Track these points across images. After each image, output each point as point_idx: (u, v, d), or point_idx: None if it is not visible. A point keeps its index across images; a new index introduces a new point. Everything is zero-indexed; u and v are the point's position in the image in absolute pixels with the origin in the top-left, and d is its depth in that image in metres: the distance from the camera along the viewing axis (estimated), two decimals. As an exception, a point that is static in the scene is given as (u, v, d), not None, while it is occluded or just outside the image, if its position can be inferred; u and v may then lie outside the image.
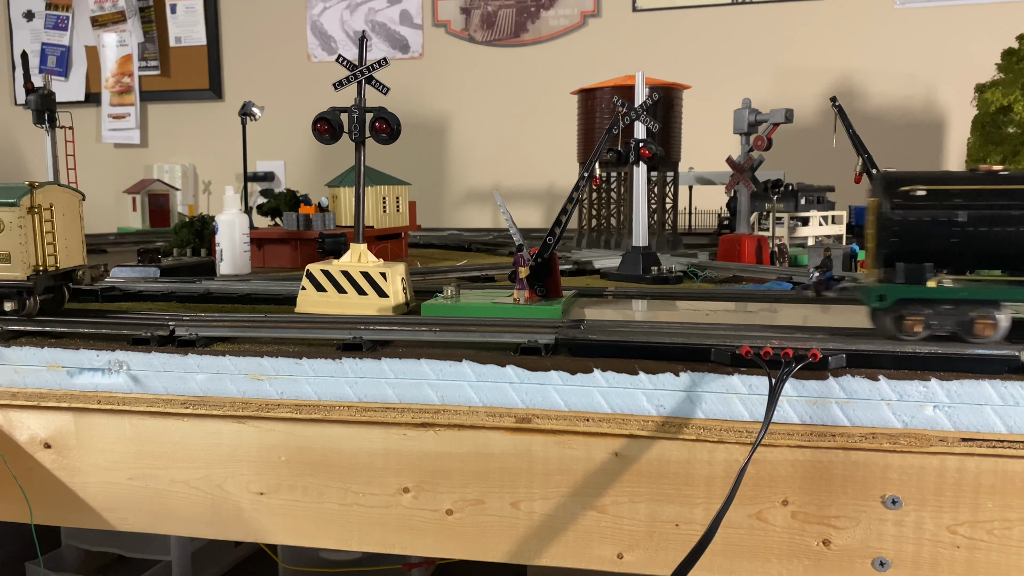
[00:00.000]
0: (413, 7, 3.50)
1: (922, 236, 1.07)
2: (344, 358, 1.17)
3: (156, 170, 3.71)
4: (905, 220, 1.07)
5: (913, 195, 1.07)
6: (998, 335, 1.06)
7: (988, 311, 1.06)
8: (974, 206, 1.05)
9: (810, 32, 3.13)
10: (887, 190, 1.08)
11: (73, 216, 1.43)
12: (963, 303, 1.07)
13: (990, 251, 1.07)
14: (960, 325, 1.07)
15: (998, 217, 1.05)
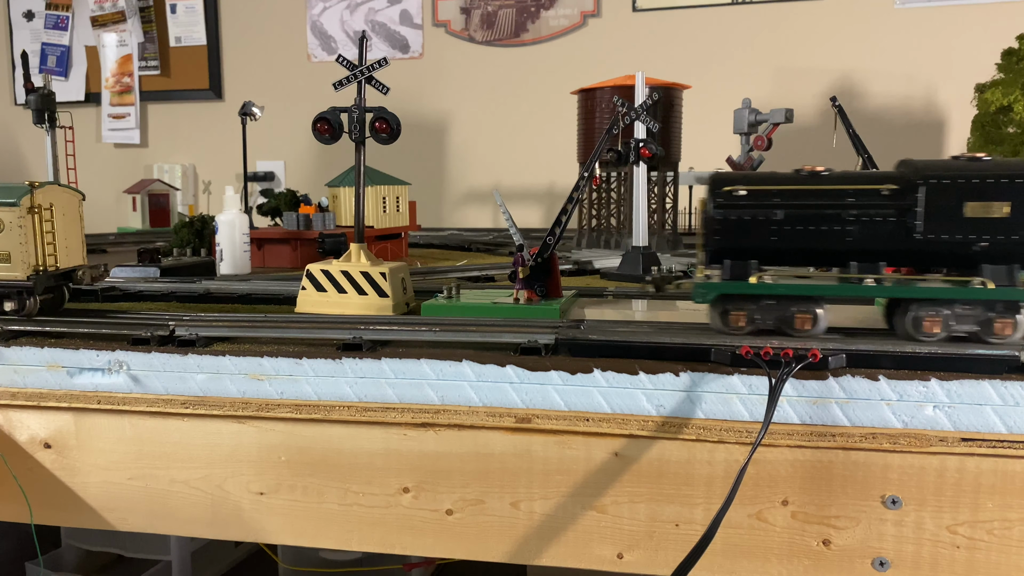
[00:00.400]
0: (413, 7, 3.50)
1: (744, 234, 1.11)
2: (344, 358, 1.17)
3: (156, 170, 3.71)
4: (726, 219, 1.11)
5: (735, 195, 1.11)
6: (818, 329, 1.10)
7: (808, 306, 1.10)
8: (791, 205, 1.09)
9: (810, 32, 3.13)
10: (711, 190, 1.12)
11: (73, 216, 1.43)
12: (784, 299, 1.10)
13: (808, 248, 1.11)
14: (782, 320, 1.11)
15: (814, 216, 1.09)
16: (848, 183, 1.09)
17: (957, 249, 1.07)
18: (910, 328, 1.09)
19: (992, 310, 1.06)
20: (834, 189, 1.09)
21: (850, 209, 1.08)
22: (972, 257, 1.07)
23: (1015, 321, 1.05)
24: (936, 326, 1.07)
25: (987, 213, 1.04)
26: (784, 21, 3.15)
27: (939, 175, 1.06)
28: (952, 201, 1.05)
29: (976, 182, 1.05)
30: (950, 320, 1.07)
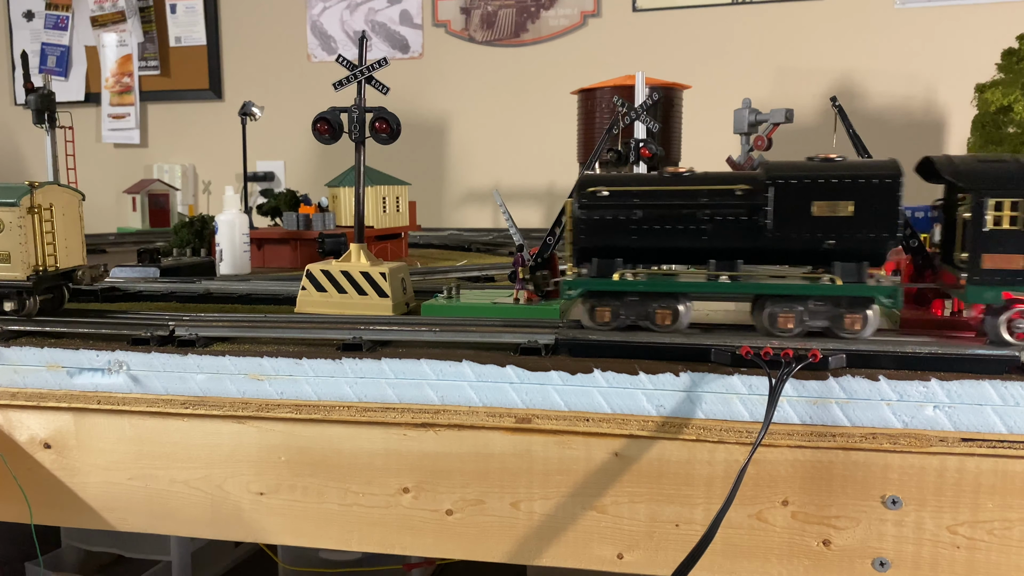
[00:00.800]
0: (413, 7, 3.50)
1: (608, 234, 1.16)
2: (344, 358, 1.17)
3: (156, 170, 3.71)
4: (590, 219, 1.15)
5: (598, 196, 1.16)
6: (678, 325, 1.15)
7: (668, 302, 1.14)
8: (649, 205, 1.14)
9: (810, 32, 3.13)
10: (577, 191, 1.17)
11: (73, 216, 1.43)
12: (647, 295, 1.14)
13: (668, 247, 1.16)
14: (644, 315, 1.15)
15: (671, 216, 1.14)
16: (705, 184, 1.14)
17: (807, 246, 1.11)
18: (766, 323, 1.12)
19: (842, 305, 1.10)
20: (691, 190, 1.14)
21: (705, 209, 1.13)
22: (823, 254, 1.11)
23: (864, 316, 1.09)
24: (790, 321, 1.11)
25: (833, 212, 1.08)
26: (784, 21, 3.15)
27: (787, 176, 1.09)
28: (800, 201, 1.09)
29: (822, 182, 1.08)
30: (803, 316, 1.11)
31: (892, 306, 1.08)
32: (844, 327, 1.10)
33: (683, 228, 1.14)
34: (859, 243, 1.09)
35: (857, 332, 1.10)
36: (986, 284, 1.05)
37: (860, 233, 1.08)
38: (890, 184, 1.06)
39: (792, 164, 1.12)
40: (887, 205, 1.07)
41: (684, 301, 1.15)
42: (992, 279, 1.05)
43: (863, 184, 1.07)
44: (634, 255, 1.17)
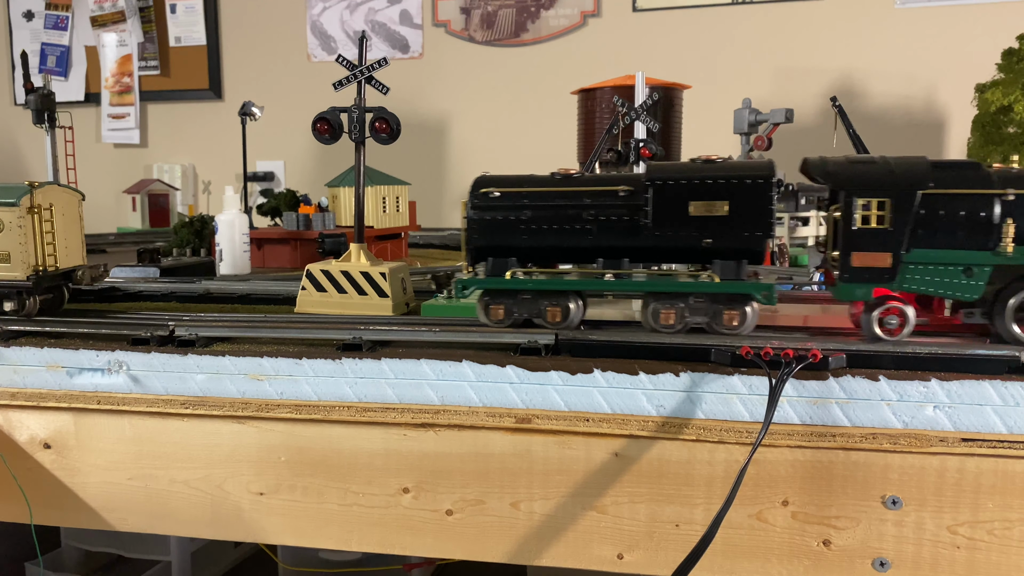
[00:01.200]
0: (413, 7, 3.50)
1: (500, 234, 1.20)
2: (344, 358, 1.17)
3: (156, 170, 3.71)
4: (482, 219, 1.20)
5: (490, 197, 1.20)
6: (569, 322, 1.18)
7: (559, 300, 1.18)
8: (538, 206, 1.18)
9: (810, 32, 3.13)
10: (471, 192, 1.21)
11: (73, 216, 1.43)
12: (539, 293, 1.18)
13: (557, 246, 1.20)
14: (536, 313, 1.19)
15: (558, 216, 1.18)
16: (590, 185, 1.18)
17: (686, 245, 1.15)
18: (650, 320, 1.15)
19: (721, 302, 1.13)
20: (576, 191, 1.18)
21: (591, 209, 1.17)
22: (703, 252, 1.14)
23: (742, 312, 1.12)
24: (671, 317, 1.14)
25: (710, 212, 1.12)
26: (784, 21, 3.15)
27: (664, 177, 1.13)
28: (678, 201, 1.13)
29: (697, 183, 1.12)
30: (684, 312, 1.14)
31: (767, 302, 1.10)
32: (723, 323, 1.13)
33: (570, 228, 1.18)
34: (735, 241, 1.12)
35: (735, 328, 1.13)
36: (856, 281, 1.08)
37: (735, 232, 1.12)
38: (762, 184, 1.10)
39: (672, 165, 1.17)
40: (760, 205, 1.10)
41: (575, 299, 1.18)
42: (861, 276, 1.07)
43: (736, 185, 1.11)
44: (526, 254, 1.21)
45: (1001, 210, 1.05)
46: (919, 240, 1.06)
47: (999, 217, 1.04)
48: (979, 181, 1.06)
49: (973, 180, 1.06)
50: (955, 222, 1.05)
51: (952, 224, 1.06)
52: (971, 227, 1.05)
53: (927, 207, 1.06)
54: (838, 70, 3.12)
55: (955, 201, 1.05)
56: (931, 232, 1.06)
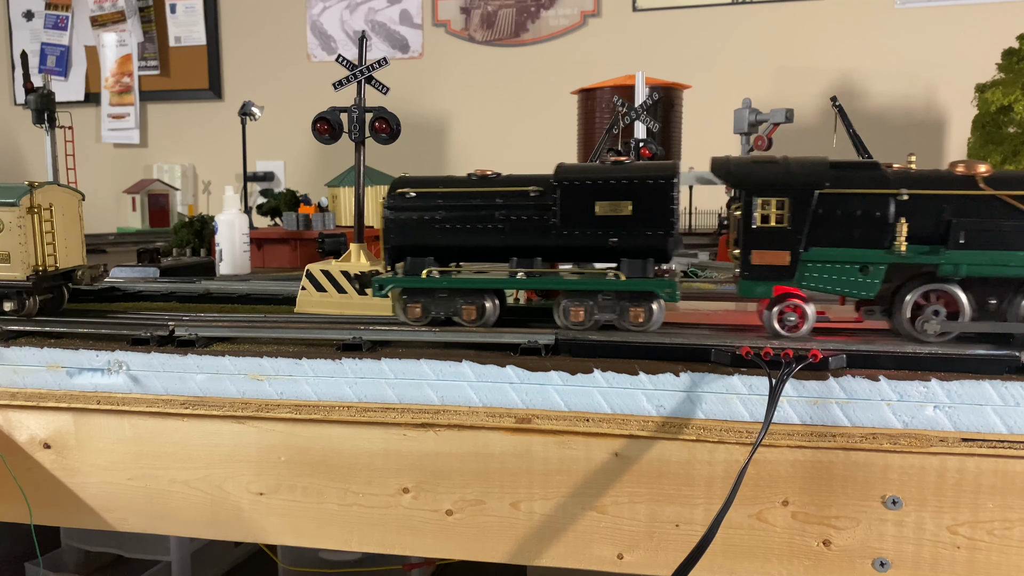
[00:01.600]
0: (413, 7, 3.50)
1: (415, 233, 1.22)
2: (344, 358, 1.17)
3: (156, 170, 3.71)
4: (398, 219, 1.22)
5: (406, 197, 1.22)
6: (485, 321, 1.21)
7: (474, 299, 1.20)
8: (452, 206, 1.21)
9: (810, 32, 3.13)
10: (388, 193, 1.24)
11: (73, 216, 1.43)
12: (455, 292, 1.21)
13: (472, 245, 1.22)
14: (453, 311, 1.22)
15: (472, 216, 1.20)
16: (503, 186, 1.21)
17: (593, 244, 1.18)
18: (561, 317, 1.18)
19: (628, 299, 1.16)
20: (489, 191, 1.20)
21: (502, 209, 1.20)
22: (611, 251, 1.17)
23: (647, 309, 1.14)
24: (581, 314, 1.17)
25: (615, 212, 1.15)
26: (784, 21, 3.15)
27: (571, 178, 1.17)
28: (584, 201, 1.16)
29: (601, 183, 1.15)
30: (593, 309, 1.17)
31: (670, 299, 1.14)
32: (630, 320, 1.16)
33: (482, 227, 1.20)
34: (640, 240, 1.15)
35: (641, 324, 1.15)
36: (756, 279, 1.10)
37: (639, 231, 1.15)
38: (664, 185, 1.13)
39: (579, 167, 1.20)
40: (663, 204, 1.13)
41: (491, 298, 1.21)
42: (761, 274, 1.10)
43: (639, 185, 1.14)
44: (443, 253, 1.23)
45: (895, 210, 1.07)
46: (817, 239, 1.09)
47: (893, 216, 1.07)
48: (876, 181, 1.08)
49: (870, 180, 1.08)
50: (851, 221, 1.08)
51: (848, 223, 1.08)
52: (867, 226, 1.07)
53: (824, 206, 1.08)
54: (838, 70, 3.12)
55: (851, 201, 1.08)
56: (828, 231, 1.08)
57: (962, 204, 1.06)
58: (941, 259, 1.06)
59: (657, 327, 1.16)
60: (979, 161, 1.08)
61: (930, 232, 1.06)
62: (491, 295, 1.21)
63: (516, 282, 1.19)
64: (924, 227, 1.06)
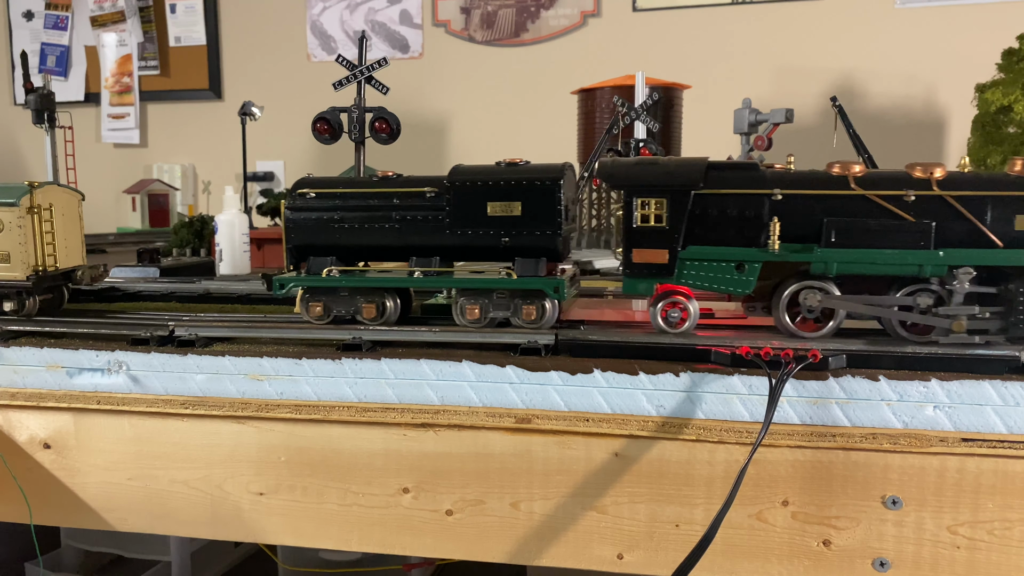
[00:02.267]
0: (413, 7, 3.50)
1: (316, 233, 1.26)
2: (344, 358, 1.17)
3: (156, 170, 3.71)
4: (298, 219, 1.26)
5: (306, 197, 1.26)
6: (387, 319, 1.24)
7: (374, 297, 1.23)
8: (350, 207, 1.24)
9: (810, 32, 3.13)
10: (288, 194, 1.27)
11: (73, 216, 1.43)
12: (355, 291, 1.23)
13: (371, 245, 1.25)
14: (354, 310, 1.24)
15: (370, 216, 1.24)
16: (399, 186, 1.25)
17: (486, 243, 1.22)
18: (458, 315, 1.21)
19: (520, 297, 1.20)
20: (388, 191, 1.24)
21: (399, 210, 1.23)
22: (504, 250, 1.21)
23: (539, 307, 1.19)
24: (476, 312, 1.20)
25: (506, 212, 1.19)
26: (784, 21, 3.15)
27: (463, 179, 1.21)
28: (477, 202, 1.20)
29: (492, 184, 1.18)
30: (488, 307, 1.21)
31: (557, 297, 1.18)
32: (523, 317, 1.19)
33: (380, 227, 1.24)
34: (529, 240, 1.20)
35: (534, 322, 1.19)
36: (637, 277, 1.14)
37: (528, 230, 1.19)
38: (550, 186, 1.18)
39: (472, 168, 1.24)
40: (549, 206, 1.18)
41: (392, 297, 1.24)
42: (642, 272, 1.13)
43: (527, 186, 1.18)
44: (344, 253, 1.27)
45: (769, 209, 1.09)
46: (694, 237, 1.12)
47: (768, 216, 1.09)
48: (752, 182, 1.11)
49: (746, 181, 1.11)
50: (727, 220, 1.11)
51: (724, 222, 1.12)
52: (742, 225, 1.11)
53: (700, 206, 1.12)
54: (838, 70, 3.11)
55: (726, 200, 1.11)
56: (705, 230, 1.12)
57: (833, 203, 1.09)
58: (812, 257, 1.08)
59: (550, 324, 1.20)
60: (854, 162, 1.11)
61: (804, 231, 1.09)
62: (392, 294, 1.24)
63: (411, 280, 1.23)
64: (799, 226, 1.09)
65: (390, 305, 1.24)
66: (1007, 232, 1.05)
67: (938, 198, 1.06)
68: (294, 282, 1.24)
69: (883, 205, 1.07)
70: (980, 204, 1.06)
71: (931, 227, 1.06)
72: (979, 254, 1.05)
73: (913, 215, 1.07)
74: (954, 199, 1.06)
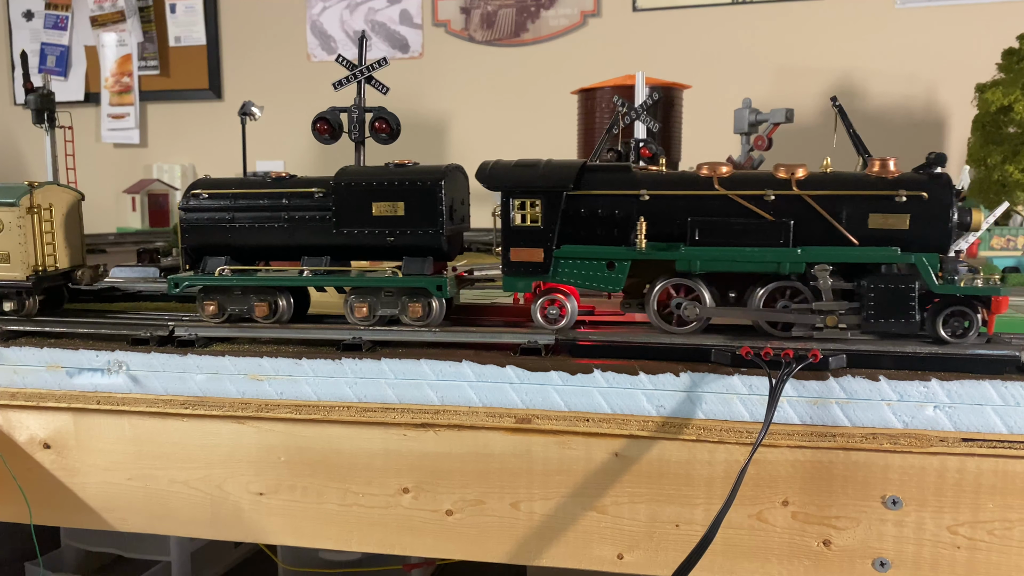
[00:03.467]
0: (413, 7, 3.50)
1: (209, 233, 1.29)
2: (344, 358, 1.17)
3: (155, 170, 3.70)
4: (191, 220, 1.29)
5: (200, 198, 1.29)
6: (279, 317, 1.27)
7: (265, 296, 1.26)
8: (241, 207, 1.27)
9: (810, 32, 3.13)
10: (183, 195, 1.30)
11: (73, 216, 1.43)
12: (247, 290, 1.26)
13: (264, 245, 1.28)
14: (247, 308, 1.27)
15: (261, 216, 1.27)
16: (289, 187, 1.28)
17: (373, 243, 1.24)
18: (349, 314, 1.24)
19: (407, 295, 1.23)
20: (278, 192, 1.27)
21: (289, 210, 1.26)
22: (392, 250, 1.24)
23: (425, 305, 1.22)
24: (364, 310, 1.23)
25: (391, 212, 1.23)
26: (784, 21, 3.15)
27: (349, 180, 1.24)
28: (362, 202, 1.23)
29: (376, 185, 1.23)
30: (376, 305, 1.24)
31: (441, 295, 1.21)
32: (409, 315, 1.23)
33: (270, 227, 1.27)
34: (413, 239, 1.23)
35: (421, 319, 1.21)
36: (515, 275, 1.18)
37: (412, 230, 1.23)
38: (431, 187, 1.21)
39: (358, 169, 1.27)
40: (431, 206, 1.21)
41: (284, 296, 1.26)
42: (519, 270, 1.17)
43: (409, 187, 1.22)
44: (237, 253, 1.30)
45: (637, 209, 1.13)
46: (567, 237, 1.16)
47: (636, 216, 1.12)
48: (623, 183, 1.15)
49: (616, 182, 1.16)
50: (597, 220, 1.15)
51: (595, 222, 1.15)
52: (612, 225, 1.15)
53: (573, 207, 1.15)
54: (838, 70, 3.11)
55: (597, 201, 1.15)
56: (578, 229, 1.16)
57: (697, 203, 1.13)
58: (677, 255, 1.12)
59: (437, 323, 1.23)
60: (722, 163, 1.14)
61: (672, 230, 1.13)
62: (285, 293, 1.26)
63: (299, 279, 1.25)
64: (666, 225, 1.13)
65: (283, 304, 1.27)
66: (861, 230, 1.09)
67: (797, 198, 1.10)
68: (188, 281, 1.27)
69: (744, 205, 1.11)
70: (836, 203, 1.09)
71: (789, 225, 1.10)
72: (835, 251, 1.09)
73: (773, 214, 1.10)
74: (812, 199, 1.09)
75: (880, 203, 1.08)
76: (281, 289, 1.26)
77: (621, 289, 1.15)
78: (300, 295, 1.32)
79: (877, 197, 1.08)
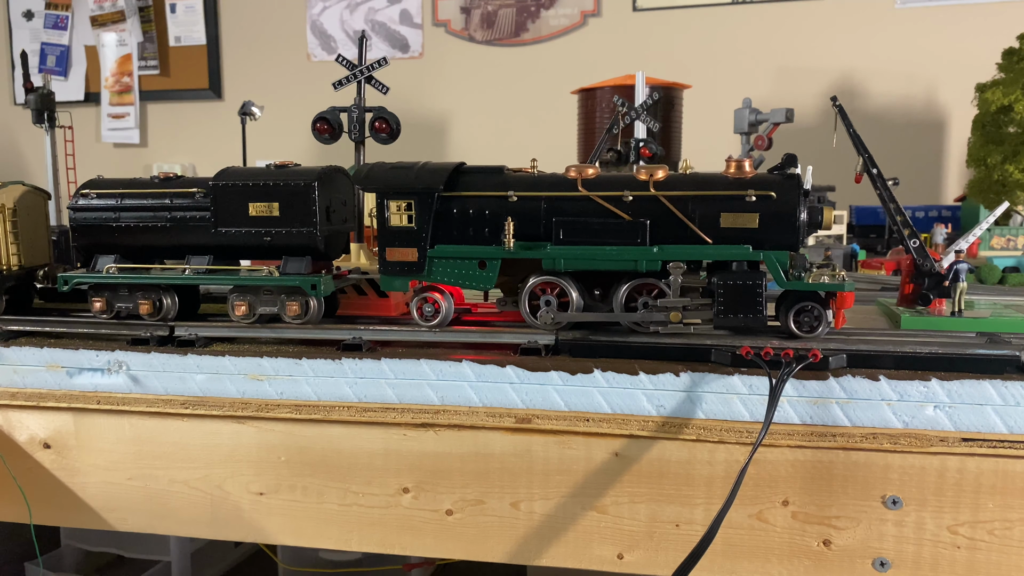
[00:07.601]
0: (413, 7, 3.50)
1: (99, 233, 1.32)
2: (344, 358, 1.17)
3: (155, 170, 3.69)
4: (80, 219, 1.32)
5: (88, 197, 1.32)
6: (164, 315, 1.29)
7: (149, 294, 1.29)
8: (126, 207, 1.31)
9: (810, 32, 3.13)
10: (73, 195, 1.33)
11: (38, 215, 1.44)
12: (134, 288, 1.30)
13: (149, 244, 1.32)
14: (133, 305, 1.30)
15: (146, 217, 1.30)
16: (175, 187, 1.32)
17: (251, 242, 1.27)
18: (230, 311, 1.28)
19: (286, 294, 1.25)
20: (162, 192, 1.30)
21: (172, 210, 1.30)
22: (271, 249, 1.27)
23: (303, 303, 1.25)
24: (243, 308, 1.27)
25: (267, 212, 1.25)
26: (784, 21, 3.15)
27: (227, 180, 1.27)
28: (240, 202, 1.26)
29: (252, 186, 1.26)
30: (256, 304, 1.27)
31: (315, 294, 1.23)
32: (288, 313, 1.25)
33: (154, 227, 1.30)
34: (288, 239, 1.25)
35: (298, 317, 1.24)
36: (391, 274, 1.20)
37: (287, 230, 1.25)
38: (304, 188, 1.23)
39: (237, 170, 1.30)
40: (305, 206, 1.24)
41: (169, 294, 1.29)
42: (395, 270, 1.20)
43: (284, 188, 1.24)
44: (125, 252, 1.33)
45: (506, 209, 1.15)
46: (441, 237, 1.19)
47: (505, 216, 1.15)
48: (493, 184, 1.18)
49: (487, 184, 1.19)
50: (469, 221, 1.18)
51: (467, 222, 1.18)
52: (483, 225, 1.18)
53: (445, 208, 1.18)
54: (838, 70, 3.11)
55: (467, 202, 1.18)
56: (451, 230, 1.19)
57: (562, 204, 1.16)
58: (543, 254, 1.15)
59: (316, 321, 1.26)
60: (589, 165, 1.17)
61: (539, 230, 1.17)
62: (170, 292, 1.29)
63: (181, 278, 1.28)
64: (534, 225, 1.16)
65: (167, 302, 1.29)
66: (715, 229, 1.12)
67: (654, 198, 1.13)
68: (77, 279, 1.30)
69: (604, 205, 1.14)
70: (689, 203, 1.13)
71: (646, 225, 1.13)
72: (688, 250, 1.13)
73: (631, 214, 1.14)
74: (667, 199, 1.12)
75: (731, 203, 1.12)
76: (166, 287, 1.29)
77: (492, 287, 1.18)
78: (190, 294, 1.35)
79: (728, 197, 1.12)
